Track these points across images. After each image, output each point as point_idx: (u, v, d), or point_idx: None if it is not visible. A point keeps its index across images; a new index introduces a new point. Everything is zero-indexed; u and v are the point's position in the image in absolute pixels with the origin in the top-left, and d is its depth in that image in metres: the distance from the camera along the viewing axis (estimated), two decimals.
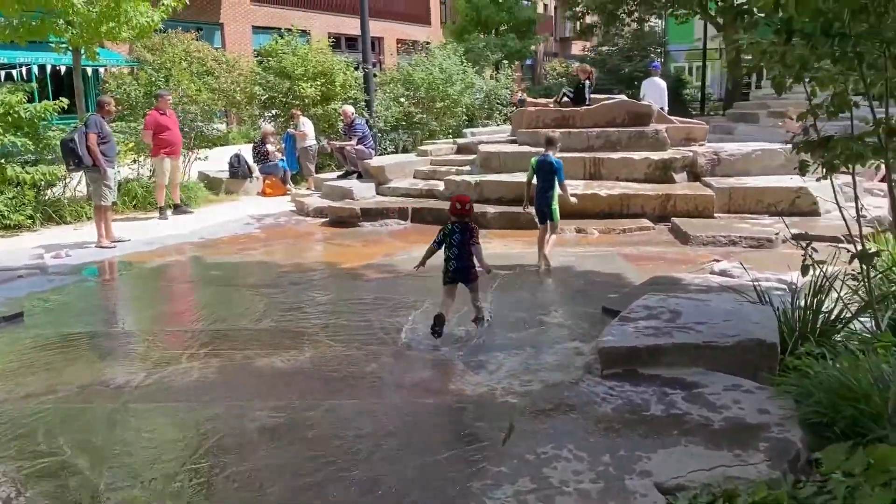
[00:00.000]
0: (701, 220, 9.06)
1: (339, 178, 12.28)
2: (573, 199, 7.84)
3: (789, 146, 9.82)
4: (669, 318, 4.47)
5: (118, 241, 9.23)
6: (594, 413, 3.49)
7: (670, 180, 10.18)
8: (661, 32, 35.53)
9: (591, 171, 10.44)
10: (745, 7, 3.48)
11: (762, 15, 3.56)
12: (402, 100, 17.31)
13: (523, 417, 3.50)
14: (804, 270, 4.54)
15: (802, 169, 4.49)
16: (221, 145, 18.75)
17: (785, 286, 6.03)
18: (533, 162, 7.69)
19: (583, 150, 10.95)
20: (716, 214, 9.35)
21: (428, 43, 19.57)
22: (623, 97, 12.02)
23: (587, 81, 12.03)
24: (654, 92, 14.52)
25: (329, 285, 7.13)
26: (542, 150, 10.86)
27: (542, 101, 12.72)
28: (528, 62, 42.33)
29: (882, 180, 14.60)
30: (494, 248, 8.53)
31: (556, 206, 7.49)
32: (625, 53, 28.00)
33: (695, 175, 10.39)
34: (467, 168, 11.43)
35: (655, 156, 10.33)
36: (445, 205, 10.23)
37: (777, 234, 8.18)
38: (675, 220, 9.04)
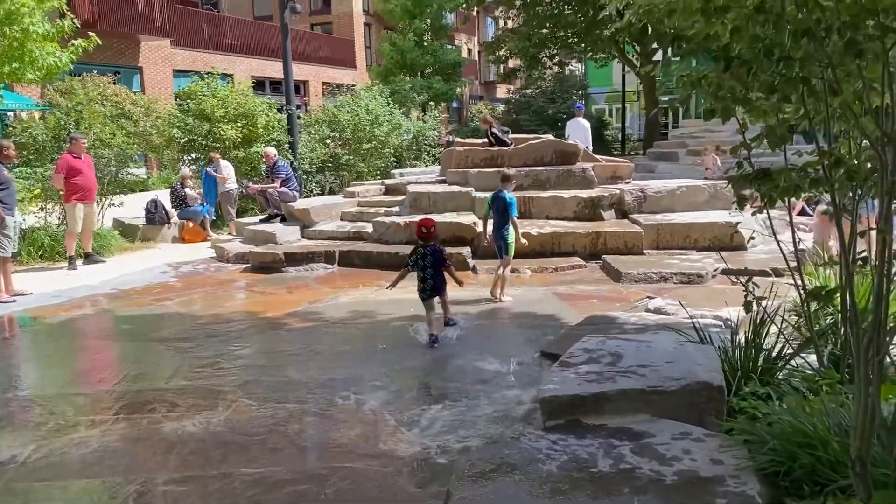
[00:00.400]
0: (631, 258, 9.03)
1: (262, 221, 11.81)
2: (523, 241, 7.93)
3: (713, 182, 9.97)
4: (611, 361, 4.24)
5: (19, 295, 8.50)
6: (538, 473, 3.20)
7: (599, 218, 10.17)
8: (581, 76, 36.57)
9: (522, 210, 10.29)
10: (674, 37, 3.35)
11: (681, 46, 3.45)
12: (328, 141, 17.03)
13: (461, 482, 3.17)
14: (747, 307, 4.41)
15: (740, 203, 4.37)
16: (141, 191, 17.97)
17: (721, 323, 5.96)
18: (488, 198, 7.95)
19: (512, 189, 10.83)
20: (645, 251, 9.35)
21: (353, 85, 19.43)
22: (550, 137, 12.07)
23: (493, 130, 12.08)
24: (579, 132, 14.70)
25: (249, 337, 6.67)
26: (469, 189, 10.77)
27: (471, 141, 12.63)
28: (455, 105, 42.84)
29: (800, 213, 15.11)
30: None
31: (511, 240, 7.66)
32: (548, 96, 28.58)
33: (622, 212, 10.42)
34: (396, 209, 11.16)
35: (584, 194, 10.32)
36: (374, 247, 9.94)
37: (708, 271, 8.19)
38: (606, 257, 8.98)
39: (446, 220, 9.86)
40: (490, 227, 7.88)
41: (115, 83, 14.80)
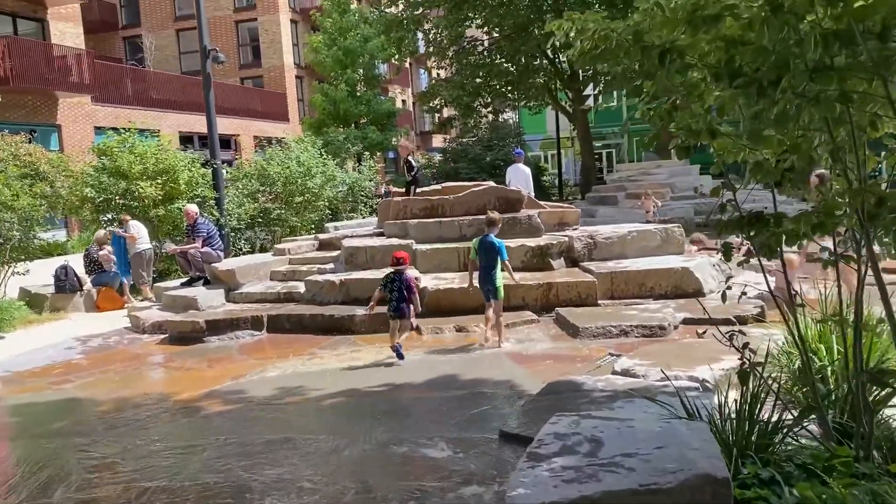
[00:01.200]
0: (586, 309, 8.40)
1: (184, 285, 10.78)
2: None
3: (664, 226, 9.44)
4: (590, 450, 3.49)
5: None
6: None
7: (548, 267, 9.56)
8: (516, 124, 36.74)
9: (466, 261, 9.63)
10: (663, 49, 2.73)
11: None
12: (259, 195, 16.14)
13: None
14: (743, 379, 3.77)
15: (727, 253, 3.75)
16: (59, 254, 16.64)
17: (698, 385, 5.32)
18: (474, 243, 7.82)
19: (455, 239, 10.18)
20: (600, 301, 8.74)
21: (282, 138, 18.65)
22: (491, 183, 11.50)
23: (410, 158, 11.71)
24: (520, 178, 14.22)
25: (158, 427, 5.68)
26: (409, 241, 10.04)
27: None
28: (391, 155, 42.46)
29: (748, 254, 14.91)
30: (363, 357, 7.39)
31: (500, 284, 7.56)
32: (485, 143, 28.38)
33: (572, 260, 9.84)
34: (330, 266, 10.33)
35: (531, 242, 9.72)
36: (307, 309, 9.04)
37: (670, 322, 7.61)
38: (560, 310, 8.33)
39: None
40: (475, 275, 7.79)
41: (30, 142, 13.70)
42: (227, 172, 16.76)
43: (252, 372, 7.18)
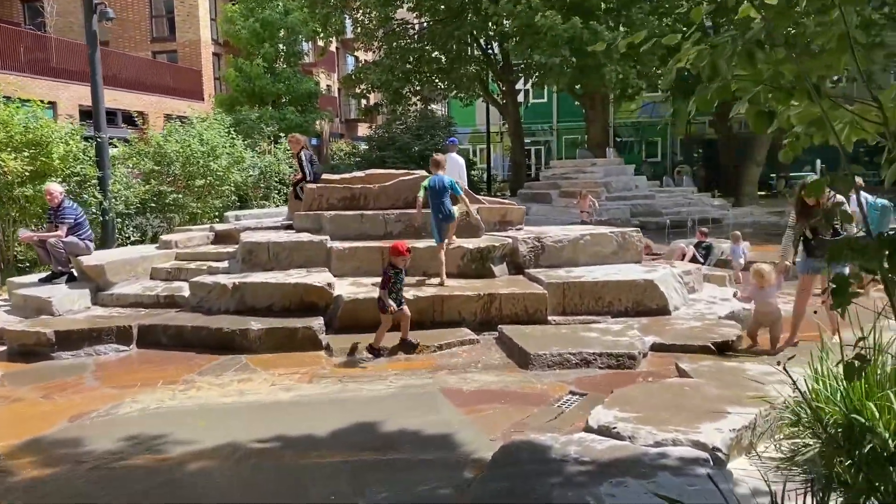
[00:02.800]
0: (536, 329, 6.93)
1: (43, 281, 8.72)
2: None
3: (620, 230, 8.05)
4: None
5: None
6: None
7: (489, 274, 8.06)
8: (446, 115, 35.26)
9: None
10: None
11: None
12: (152, 177, 14.04)
13: None
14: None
15: (841, 295, 2.23)
16: None
17: (706, 455, 3.89)
18: (425, 183, 7.93)
19: (379, 237, 8.56)
20: (550, 317, 7.31)
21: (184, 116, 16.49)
22: (424, 172, 9.89)
23: (302, 153, 10.03)
24: (454, 169, 12.64)
25: None
26: (323, 238, 8.35)
27: (328, 177, 10.21)
28: (314, 142, 40.22)
29: (693, 260, 13.86)
30: (254, 388, 5.68)
31: (453, 212, 7.89)
32: (413, 132, 26.75)
33: (516, 266, 8.37)
34: (225, 264, 8.52)
35: (470, 244, 8.19)
36: (190, 318, 7.21)
37: (639, 349, 6.22)
38: (505, 329, 6.83)
39: (289, 282, 7.36)
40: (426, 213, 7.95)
41: None
42: (119, 149, 14.58)
43: (102, 407, 5.35)
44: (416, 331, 7.00)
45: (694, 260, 12.90)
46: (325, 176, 9.96)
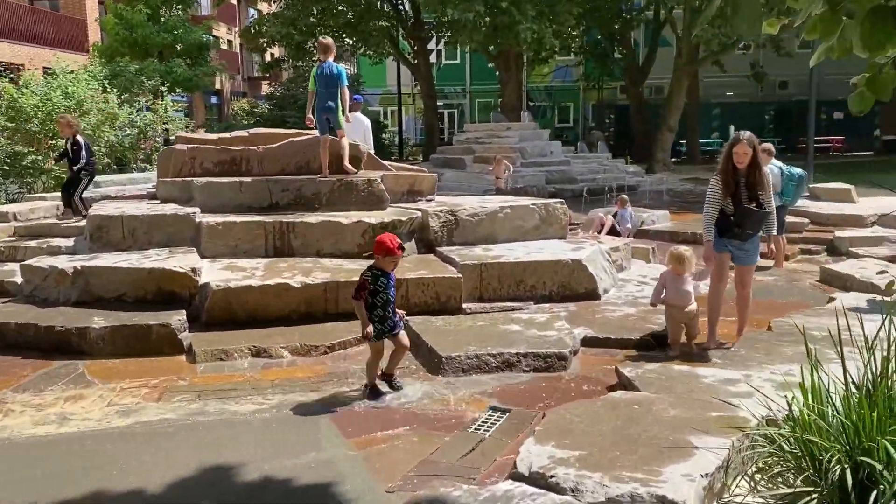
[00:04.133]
0: (449, 321, 5.83)
1: None
2: (343, 121, 7.63)
3: (543, 201, 6.99)
4: None
5: None
6: None
7: None
8: (354, 74, 33.45)
9: (277, 243, 6.72)
10: None
11: None
12: (3, 136, 12.05)
13: None
14: None
15: None
16: None
17: None
18: (314, 71, 7.58)
19: (263, 209, 7.20)
20: (465, 304, 6.22)
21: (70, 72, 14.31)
22: (317, 132, 8.50)
23: (79, 138, 8.45)
24: (357, 130, 11.30)
25: None
26: (192, 210, 6.93)
27: (202, 136, 8.72)
28: (214, 100, 37.60)
29: (611, 231, 13.07)
30: (87, 410, 4.31)
31: (340, 116, 7.51)
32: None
33: (427, 244, 7.23)
34: (71, 242, 6.97)
35: (372, 217, 6.97)
36: (20, 311, 5.62)
37: (569, 346, 5.21)
38: (413, 322, 5.67)
39: (144, 266, 5.95)
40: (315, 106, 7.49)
41: None
42: None
43: None
44: (303, 325, 5.79)
45: (613, 230, 12.17)
46: (200, 135, 8.44)
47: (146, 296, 5.85)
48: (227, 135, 8.57)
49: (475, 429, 4.04)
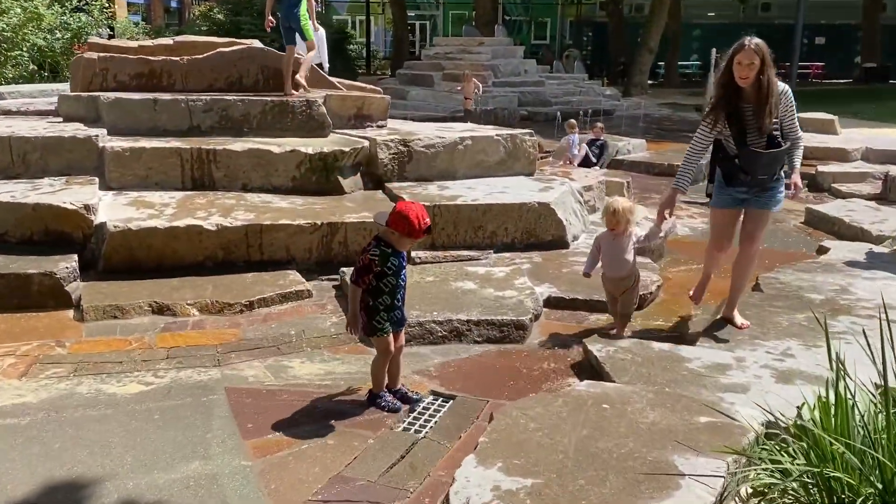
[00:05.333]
0: None
1: None
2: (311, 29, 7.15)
3: (509, 132, 6.19)
4: None
5: None
6: None
7: (336, 189, 5.96)
8: None
9: (196, 174, 5.75)
10: None
11: None
12: None
13: None
14: None
15: None
16: None
17: None
18: None
19: (181, 132, 6.17)
20: (414, 254, 5.38)
21: None
22: (256, 43, 7.38)
23: None
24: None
25: None
26: (95, 132, 5.87)
27: (118, 43, 7.53)
28: (175, 4, 35.14)
29: (584, 161, 12.18)
30: None
31: (305, 22, 7.05)
32: None
33: (375, 179, 6.30)
34: None
35: (310, 146, 6.00)
36: None
37: (530, 311, 4.42)
38: (347, 273, 4.82)
39: (28, 201, 4.96)
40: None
41: None
42: None
43: None
44: (220, 275, 4.91)
45: (586, 160, 11.32)
46: (116, 42, 7.27)
47: (32, 237, 4.89)
48: (148, 42, 7.39)
49: (408, 425, 3.27)
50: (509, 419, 2.99)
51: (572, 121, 11.75)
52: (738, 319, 4.28)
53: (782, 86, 3.90)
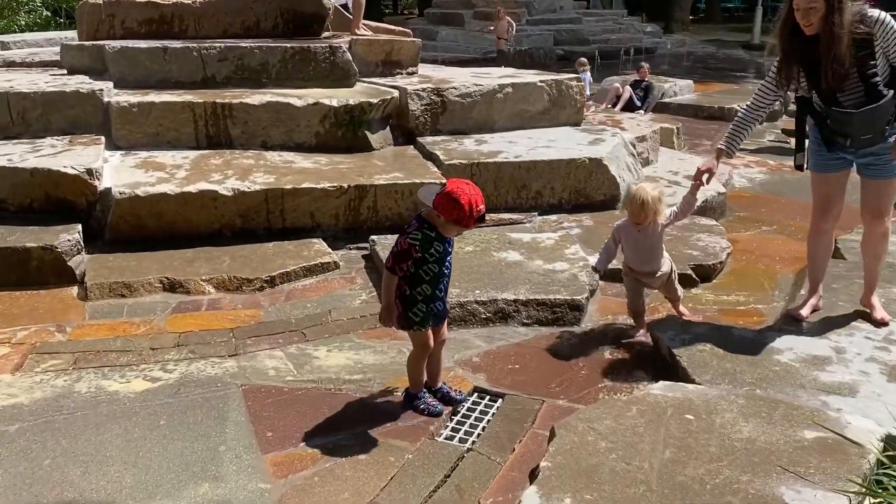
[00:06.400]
0: None
1: None
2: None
3: (553, 78, 5.51)
4: None
5: None
6: None
7: (364, 145, 5.41)
8: None
9: (210, 130, 5.23)
10: None
11: None
12: None
13: None
14: None
15: None
16: None
17: None
18: None
19: (194, 84, 5.63)
20: None
21: None
22: None
23: None
24: None
25: None
26: (100, 85, 5.36)
27: None
28: None
29: (627, 105, 11.40)
30: None
31: None
32: None
33: (405, 132, 5.73)
34: None
35: (334, 98, 5.43)
36: None
37: (585, 286, 3.89)
38: (379, 246, 4.32)
39: (26, 166, 4.50)
40: None
41: None
42: None
43: None
44: (237, 245, 4.46)
45: (629, 104, 10.60)
46: None
47: (32, 204, 4.45)
48: None
49: (451, 432, 2.81)
50: (574, 436, 2.50)
51: (583, 59, 11.26)
52: (879, 312, 3.45)
53: (876, 14, 3.01)
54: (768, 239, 5.20)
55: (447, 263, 2.81)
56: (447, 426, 2.86)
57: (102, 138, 5.01)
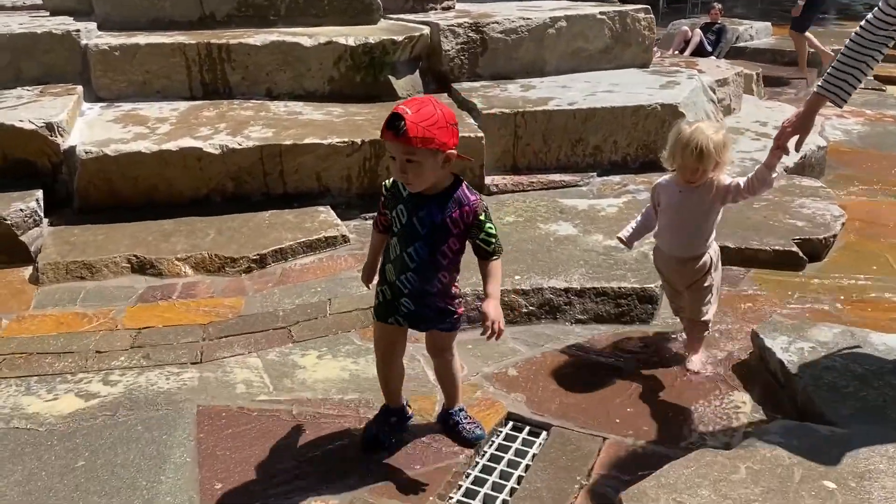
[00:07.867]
0: None
1: None
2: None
3: (614, 8, 4.39)
4: None
5: None
6: None
7: (387, 93, 4.53)
8: None
9: (206, 77, 4.43)
10: None
11: None
12: None
13: None
14: None
15: None
16: None
17: None
18: None
19: (192, 24, 4.82)
20: (488, 179, 3.98)
21: None
22: None
23: None
24: None
25: None
26: (78, 25, 4.55)
27: None
28: None
29: (697, 50, 10.20)
30: None
31: None
32: None
33: (438, 77, 4.83)
34: None
35: (351, 37, 4.55)
36: None
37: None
38: None
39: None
40: None
41: None
42: None
43: None
44: (227, 214, 3.67)
45: (699, 49, 9.41)
46: None
47: None
48: None
49: (472, 485, 1.98)
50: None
51: (717, 4, 10.21)
52: None
53: None
54: (879, 204, 4.21)
55: (408, 240, 1.92)
56: (466, 475, 2.03)
57: (79, 88, 4.26)
